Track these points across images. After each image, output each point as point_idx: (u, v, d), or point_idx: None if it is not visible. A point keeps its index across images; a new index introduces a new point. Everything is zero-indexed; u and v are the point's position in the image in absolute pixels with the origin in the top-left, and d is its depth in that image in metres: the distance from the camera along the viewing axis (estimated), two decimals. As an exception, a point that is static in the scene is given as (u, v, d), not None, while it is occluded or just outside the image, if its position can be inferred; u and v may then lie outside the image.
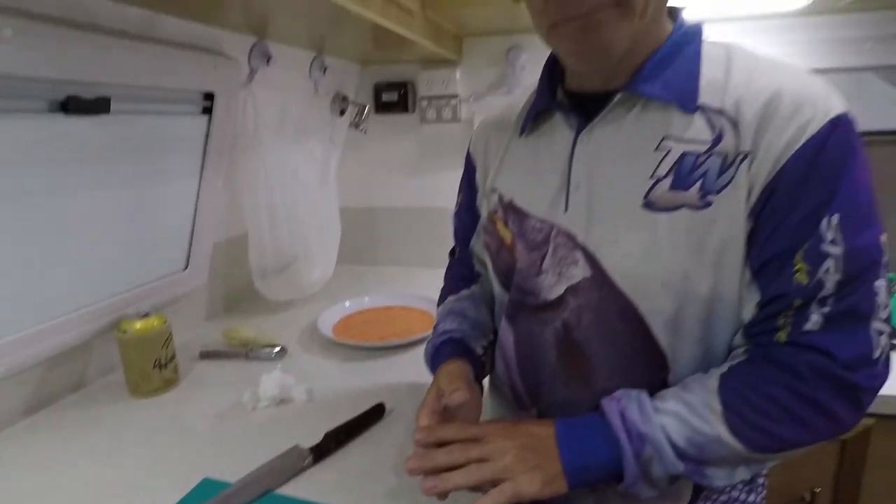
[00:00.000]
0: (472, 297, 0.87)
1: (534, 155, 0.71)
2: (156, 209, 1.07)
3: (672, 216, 0.57)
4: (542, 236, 0.67)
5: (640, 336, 0.61)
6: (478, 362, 0.77)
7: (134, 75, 0.87)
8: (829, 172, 0.52)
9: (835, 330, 0.53)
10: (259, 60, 1.15)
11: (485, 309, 0.85)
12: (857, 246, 0.52)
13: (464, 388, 0.67)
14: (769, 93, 0.55)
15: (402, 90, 1.65)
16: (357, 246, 1.80)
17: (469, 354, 0.77)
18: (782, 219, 0.54)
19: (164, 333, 0.99)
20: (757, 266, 0.56)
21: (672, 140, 0.58)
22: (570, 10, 0.55)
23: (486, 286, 0.88)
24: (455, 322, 0.81)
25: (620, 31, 0.56)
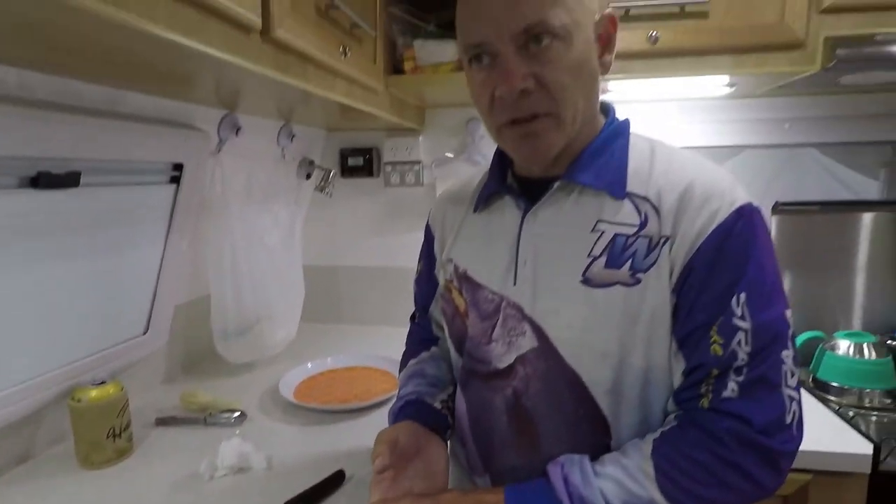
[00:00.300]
0: (431, 357, 0.91)
1: (486, 231, 0.77)
2: (118, 276, 1.07)
3: (607, 292, 0.64)
4: (493, 307, 0.72)
5: (584, 403, 0.66)
6: (438, 415, 0.81)
7: (105, 150, 0.91)
8: (736, 256, 0.60)
9: (750, 397, 0.59)
10: (228, 131, 1.20)
11: (444, 365, 0.89)
12: (762, 321, 0.59)
13: (386, 452, 0.70)
14: (684, 185, 0.63)
15: (367, 155, 1.72)
16: (320, 304, 1.82)
17: (426, 410, 0.80)
18: (699, 296, 0.61)
19: (120, 401, 0.98)
20: (680, 338, 0.62)
21: (605, 223, 0.66)
22: (511, 115, 0.64)
23: (444, 346, 0.92)
24: (413, 384, 0.85)
25: (555, 138, 0.65)
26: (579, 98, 0.64)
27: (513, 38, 0.60)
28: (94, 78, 0.86)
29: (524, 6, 0.59)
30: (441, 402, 0.82)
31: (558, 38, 0.60)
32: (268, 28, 0.75)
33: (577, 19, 0.62)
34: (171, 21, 0.58)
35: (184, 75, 0.86)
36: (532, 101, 0.62)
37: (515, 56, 0.61)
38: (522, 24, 0.60)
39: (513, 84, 0.61)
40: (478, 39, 0.63)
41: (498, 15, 0.60)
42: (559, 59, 0.61)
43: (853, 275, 1.44)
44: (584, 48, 0.63)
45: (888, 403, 1.19)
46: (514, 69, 0.61)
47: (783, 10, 1.10)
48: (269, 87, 0.95)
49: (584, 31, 0.63)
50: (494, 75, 0.63)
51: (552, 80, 0.61)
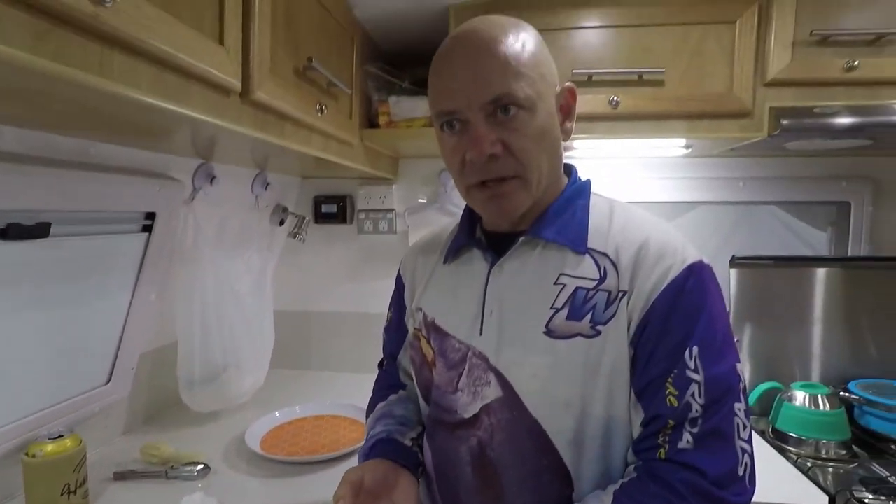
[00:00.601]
0: (399, 399, 0.91)
1: (455, 281, 0.80)
2: (83, 325, 1.06)
3: (569, 343, 0.67)
4: (459, 356, 0.75)
5: (547, 454, 0.68)
6: (408, 452, 0.81)
7: (76, 201, 0.91)
8: (689, 311, 0.64)
9: (704, 449, 0.61)
10: (203, 180, 1.21)
11: (412, 406, 0.90)
12: (714, 374, 0.62)
13: (348, 493, 0.70)
14: (640, 242, 0.68)
15: (341, 203, 1.75)
16: (290, 351, 1.80)
17: (396, 448, 0.80)
18: (654, 349, 0.64)
19: (77, 456, 0.95)
20: (639, 389, 0.65)
21: (567, 276, 0.69)
22: (480, 177, 0.68)
23: (412, 390, 0.92)
24: (382, 424, 0.85)
25: (522, 199, 0.70)
26: (543, 162, 0.69)
27: (482, 108, 0.65)
28: (69, 131, 0.88)
29: (492, 79, 0.64)
30: (411, 440, 0.83)
31: (523, 109, 0.66)
32: (248, 90, 0.79)
33: (540, 91, 0.67)
34: (154, 87, 0.61)
35: (162, 131, 0.88)
36: (500, 165, 0.67)
37: (484, 124, 0.66)
38: (491, 96, 0.65)
39: (482, 149, 0.65)
40: (450, 108, 0.67)
41: (468, 87, 0.65)
42: (524, 127, 0.66)
43: (810, 327, 1.49)
44: (547, 117, 0.69)
45: (843, 454, 1.22)
46: (484, 136, 0.65)
47: (731, 82, 1.19)
48: (247, 141, 0.98)
49: (546, 102, 0.68)
50: (465, 140, 0.68)
51: (518, 146, 0.66)
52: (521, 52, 0.66)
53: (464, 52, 0.67)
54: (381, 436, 0.82)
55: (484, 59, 0.65)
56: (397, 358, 0.95)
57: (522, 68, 0.65)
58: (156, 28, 0.58)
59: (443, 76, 0.68)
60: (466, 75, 0.66)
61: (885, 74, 1.17)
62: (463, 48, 0.67)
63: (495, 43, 0.65)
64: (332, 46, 1.13)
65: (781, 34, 1.17)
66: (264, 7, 0.81)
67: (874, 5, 1.16)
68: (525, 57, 0.66)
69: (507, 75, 0.64)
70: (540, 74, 0.67)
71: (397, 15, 1.30)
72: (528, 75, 0.65)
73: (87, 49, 0.52)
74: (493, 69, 0.65)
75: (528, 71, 0.65)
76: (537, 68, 0.67)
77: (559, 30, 1.23)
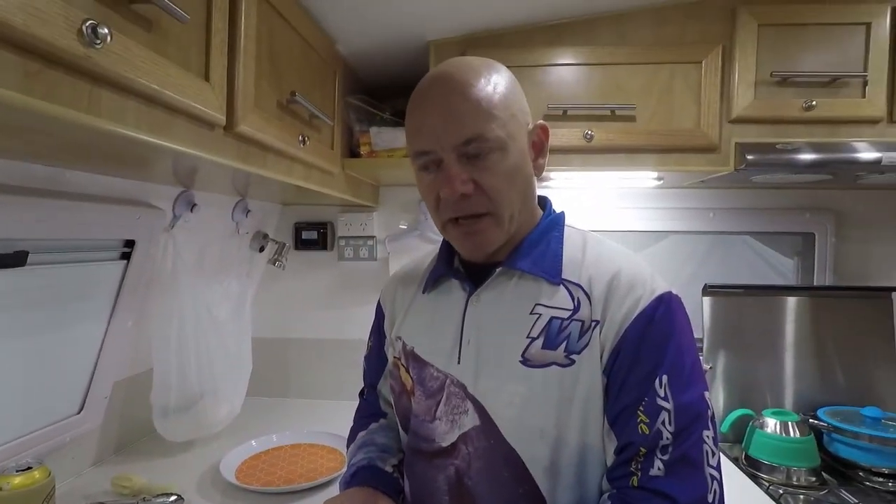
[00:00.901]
0: (380, 427, 0.92)
1: (433, 311, 0.81)
2: (57, 353, 1.04)
3: (544, 372, 0.68)
4: (437, 384, 0.76)
5: (523, 482, 0.69)
6: (389, 478, 0.81)
7: (55, 230, 0.91)
8: (658, 340, 0.67)
9: (674, 476, 0.63)
10: (184, 208, 1.21)
11: (393, 434, 0.90)
12: (682, 402, 0.65)
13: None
14: (611, 273, 0.71)
15: (321, 229, 1.76)
16: (268, 378, 1.78)
17: (377, 475, 0.81)
18: (626, 377, 0.66)
19: (46, 488, 0.93)
20: (612, 417, 0.67)
21: (542, 306, 0.71)
22: (453, 214, 0.72)
23: (393, 419, 0.93)
24: (363, 452, 0.85)
25: (495, 235, 0.72)
26: (515, 199, 0.72)
27: (454, 149, 0.68)
28: (48, 160, 0.88)
29: (465, 121, 0.67)
30: (392, 467, 0.83)
31: (495, 149, 0.68)
32: (231, 124, 0.80)
33: (511, 132, 0.70)
34: (140, 122, 0.63)
35: (145, 161, 0.90)
36: (472, 203, 0.70)
37: (457, 163, 0.69)
38: (463, 137, 0.68)
39: (454, 188, 0.68)
40: (424, 148, 0.70)
41: (442, 128, 0.68)
42: (495, 167, 0.69)
43: (781, 354, 1.53)
44: (518, 156, 0.71)
45: (813, 481, 1.25)
46: (456, 175, 0.68)
47: (699, 119, 1.25)
48: (229, 171, 0.99)
49: (517, 142, 0.71)
50: (439, 179, 0.70)
51: (489, 185, 0.69)
52: (492, 94, 0.69)
53: (437, 95, 0.70)
54: (361, 463, 0.83)
55: (456, 101, 0.68)
56: (377, 387, 0.95)
57: (494, 110, 0.68)
58: (144, 67, 0.60)
59: (417, 118, 0.71)
60: (440, 118, 0.68)
61: (840, 114, 1.24)
62: (437, 91, 0.70)
63: (467, 86, 0.68)
64: (315, 79, 1.16)
65: (744, 74, 1.24)
66: (249, 44, 0.83)
67: (829, 48, 1.24)
68: (496, 99, 0.69)
69: (478, 118, 0.67)
70: (511, 115, 0.70)
71: (379, 49, 1.34)
72: (499, 117, 0.68)
73: (77, 87, 0.53)
74: (465, 112, 0.67)
75: (499, 112, 0.68)
76: (508, 109, 0.70)
77: (535, 66, 1.28)
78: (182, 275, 1.26)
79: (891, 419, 1.33)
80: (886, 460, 1.25)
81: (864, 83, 1.23)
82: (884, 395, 1.48)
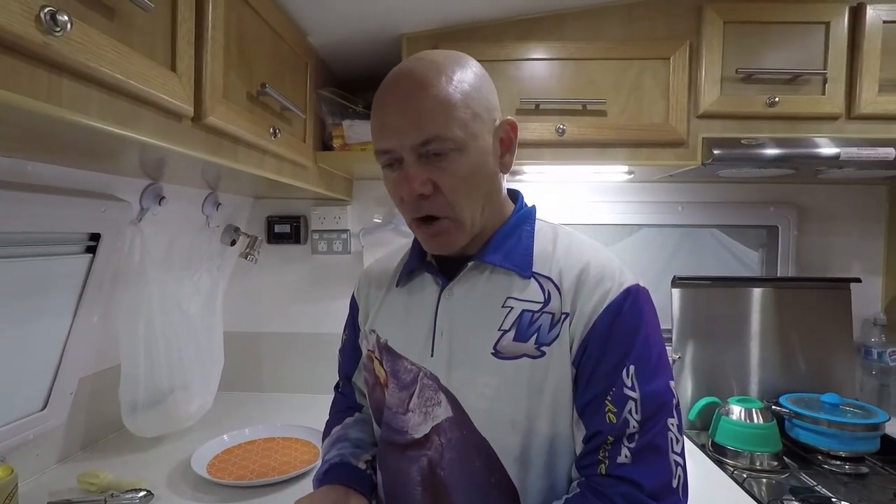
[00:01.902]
0: (355, 421, 0.92)
1: (407, 304, 0.82)
2: (18, 349, 1.02)
3: (515, 364, 0.70)
4: (411, 377, 0.77)
5: (494, 472, 0.70)
6: (362, 475, 0.82)
7: (14, 223, 0.88)
8: (626, 331, 0.68)
9: (640, 463, 0.65)
10: (151, 200, 1.19)
11: (368, 428, 0.91)
12: (649, 392, 0.67)
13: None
14: (580, 266, 0.72)
15: (294, 223, 1.74)
16: (241, 372, 1.77)
17: (350, 472, 0.81)
18: (595, 367, 0.68)
19: (8, 486, 0.91)
20: (580, 407, 0.69)
21: (514, 299, 0.73)
22: (413, 215, 0.72)
23: (366, 414, 0.93)
24: (337, 448, 0.86)
25: (457, 237, 0.73)
26: (475, 199, 0.72)
27: (413, 149, 0.68)
28: (6, 151, 0.85)
29: (423, 122, 0.67)
30: (365, 463, 0.84)
31: (453, 150, 0.68)
32: (200, 115, 0.79)
33: (472, 131, 0.69)
34: (104, 113, 0.61)
35: (111, 153, 0.88)
36: (430, 204, 0.70)
37: (416, 164, 0.69)
38: (420, 138, 0.67)
39: (412, 188, 0.69)
40: (385, 147, 0.70)
41: (401, 128, 0.68)
42: (454, 168, 0.69)
43: (747, 343, 1.57)
44: (479, 155, 0.71)
45: (775, 466, 1.30)
46: (414, 176, 0.68)
47: (668, 114, 1.28)
48: (198, 164, 0.98)
49: (479, 141, 0.70)
50: (399, 178, 0.70)
51: (447, 186, 0.69)
52: (452, 93, 0.68)
53: (399, 93, 0.69)
54: (334, 460, 0.83)
55: (415, 101, 0.67)
56: (352, 379, 0.96)
57: (454, 110, 0.67)
58: (106, 56, 0.59)
59: (379, 116, 0.71)
60: (399, 117, 0.68)
61: (801, 110, 1.28)
62: (398, 89, 0.70)
63: (428, 85, 0.67)
64: (286, 72, 1.15)
65: (711, 70, 1.27)
66: (217, 34, 0.82)
67: (792, 46, 1.27)
68: (457, 98, 0.68)
69: (436, 119, 0.67)
70: (473, 114, 0.69)
71: (351, 42, 1.33)
72: (459, 117, 0.68)
73: (35, 75, 0.52)
74: (423, 112, 0.67)
75: (459, 112, 0.68)
76: (470, 108, 0.69)
77: (508, 60, 1.29)
78: (150, 268, 1.24)
79: (848, 405, 1.38)
80: (844, 444, 1.30)
81: (823, 81, 1.28)
82: (842, 381, 1.54)
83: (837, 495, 1.16)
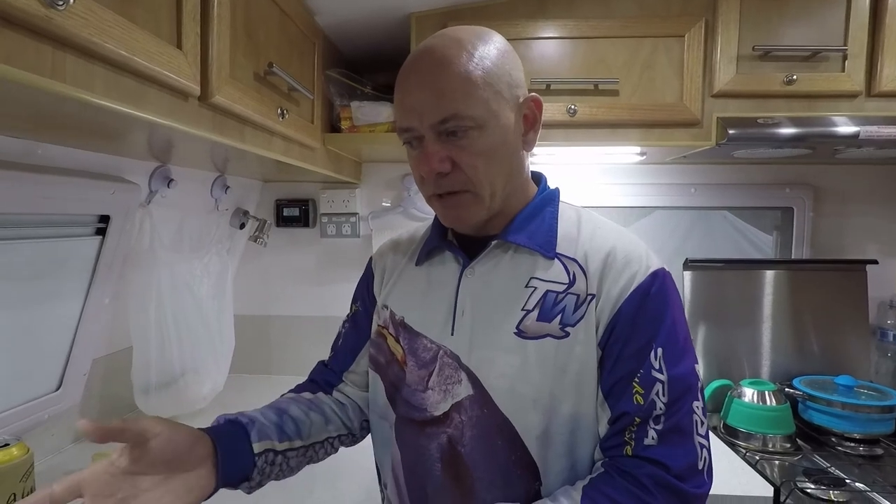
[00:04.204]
0: (310, 401, 0.85)
1: (426, 282, 0.81)
2: (32, 330, 1.02)
3: (539, 343, 0.69)
4: (430, 355, 0.76)
5: (515, 449, 0.70)
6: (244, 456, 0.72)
7: (24, 204, 0.88)
8: (653, 314, 0.68)
9: (667, 444, 0.65)
10: (160, 183, 1.19)
11: (315, 415, 0.82)
12: (675, 374, 0.67)
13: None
14: (607, 249, 0.72)
15: (303, 206, 1.74)
16: (251, 355, 1.78)
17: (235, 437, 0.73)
18: (622, 349, 0.68)
19: (24, 465, 0.92)
20: (606, 388, 0.68)
21: (538, 280, 0.72)
22: (433, 191, 0.72)
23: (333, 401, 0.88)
24: (259, 412, 0.79)
25: (475, 211, 0.73)
26: (496, 177, 0.71)
27: (432, 127, 0.68)
28: (16, 133, 0.85)
29: (442, 100, 0.67)
30: (264, 449, 0.73)
31: (472, 128, 0.67)
32: (206, 94, 0.78)
33: (493, 109, 0.68)
34: (109, 90, 0.61)
35: (118, 133, 0.87)
36: (449, 181, 0.70)
37: (435, 141, 0.68)
38: (439, 116, 0.67)
39: (431, 166, 0.68)
40: (406, 125, 0.70)
41: (421, 106, 0.68)
42: (473, 146, 0.68)
43: (759, 326, 1.57)
44: (500, 133, 0.70)
45: (788, 447, 1.29)
46: (433, 154, 0.68)
47: (681, 93, 1.25)
48: (206, 145, 0.97)
49: (501, 118, 0.69)
50: (420, 156, 0.70)
51: (467, 163, 0.69)
52: (472, 70, 0.67)
53: (419, 72, 0.69)
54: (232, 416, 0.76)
55: (435, 79, 0.67)
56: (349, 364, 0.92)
57: (473, 88, 0.66)
58: (111, 31, 0.58)
59: (401, 94, 0.71)
60: (419, 95, 0.68)
61: (820, 88, 1.25)
62: (418, 68, 0.69)
63: (447, 63, 0.67)
64: (294, 51, 1.13)
65: (726, 48, 1.24)
66: (223, 11, 0.81)
67: (810, 22, 1.24)
68: (477, 75, 0.67)
69: (455, 96, 0.66)
70: (495, 92, 0.68)
71: (359, 22, 1.31)
72: (479, 95, 0.67)
73: (40, 51, 0.51)
74: (443, 90, 0.66)
75: (479, 90, 0.67)
76: (492, 86, 0.68)
77: (518, 40, 1.26)
78: (160, 251, 1.24)
79: (863, 387, 1.37)
80: (858, 426, 1.29)
81: (843, 57, 1.24)
82: (857, 364, 1.52)
83: (851, 476, 1.15)
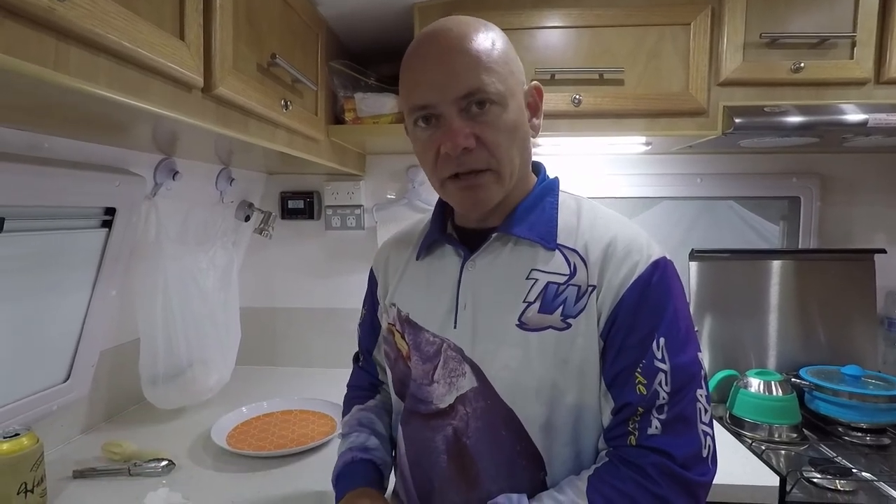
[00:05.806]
0: (377, 407, 0.93)
1: (427, 277, 0.82)
2: (40, 322, 1.03)
3: (541, 335, 0.69)
4: (434, 349, 0.76)
5: (520, 440, 0.71)
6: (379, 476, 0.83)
7: (31, 196, 0.89)
8: (655, 303, 0.68)
9: (671, 433, 0.65)
10: (165, 175, 1.19)
11: (388, 420, 0.92)
12: (678, 363, 0.66)
13: None
14: (607, 239, 0.71)
15: (308, 198, 1.74)
16: (257, 347, 1.79)
17: (380, 478, 0.83)
18: (624, 340, 0.68)
19: (34, 454, 0.93)
20: (609, 379, 0.69)
21: (539, 271, 0.72)
22: (454, 170, 0.70)
23: (386, 395, 0.94)
24: (364, 436, 0.86)
25: (494, 191, 0.72)
26: (515, 156, 0.71)
27: (455, 102, 0.67)
28: (22, 125, 0.85)
29: (465, 74, 0.66)
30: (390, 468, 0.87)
31: (495, 104, 0.68)
32: (210, 86, 0.78)
33: (511, 87, 0.69)
34: (113, 81, 0.61)
35: (122, 126, 0.87)
36: (473, 158, 0.69)
37: (458, 118, 0.68)
38: (464, 90, 0.66)
39: (457, 142, 0.67)
40: (423, 102, 0.69)
41: (442, 81, 0.67)
42: (496, 121, 0.68)
43: (765, 316, 1.56)
44: (518, 112, 0.71)
45: (794, 437, 1.29)
46: (458, 129, 0.67)
47: (687, 82, 1.24)
48: (210, 137, 0.97)
49: (516, 99, 0.71)
50: (439, 134, 0.69)
51: (491, 139, 0.68)
52: (491, 48, 0.68)
53: (437, 48, 0.68)
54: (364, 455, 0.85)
55: (456, 54, 0.67)
56: (373, 353, 0.96)
57: (493, 64, 0.67)
58: (114, 23, 0.58)
59: (416, 71, 0.70)
60: (440, 70, 0.67)
61: (828, 76, 1.23)
62: (436, 44, 0.69)
63: (467, 40, 0.67)
64: (297, 43, 1.13)
65: (733, 36, 1.22)
66: (225, 2, 0.80)
67: (818, 8, 1.22)
68: (496, 54, 0.68)
69: (479, 71, 0.66)
70: (510, 71, 0.70)
71: (362, 13, 1.30)
72: (498, 72, 0.68)
73: (43, 42, 0.51)
74: (465, 65, 0.66)
75: (498, 67, 0.68)
76: (507, 65, 0.69)
77: (522, 29, 1.26)
78: (165, 243, 1.25)
79: (870, 377, 1.36)
80: (865, 416, 1.29)
81: (852, 44, 1.22)
82: (864, 354, 1.51)
83: (858, 466, 1.15)
